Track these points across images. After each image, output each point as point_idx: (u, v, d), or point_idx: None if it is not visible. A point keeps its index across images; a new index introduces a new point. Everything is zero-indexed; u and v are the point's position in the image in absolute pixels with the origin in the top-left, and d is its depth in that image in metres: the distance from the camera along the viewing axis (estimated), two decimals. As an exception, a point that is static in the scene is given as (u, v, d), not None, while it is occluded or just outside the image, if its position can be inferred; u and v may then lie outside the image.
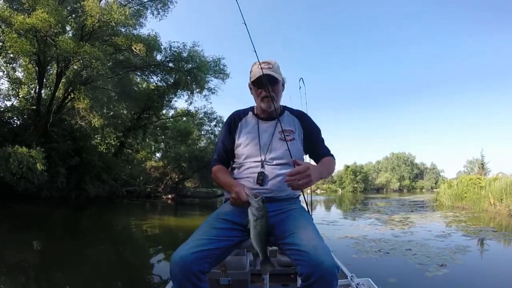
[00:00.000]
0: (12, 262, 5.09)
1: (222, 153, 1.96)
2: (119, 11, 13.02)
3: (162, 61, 17.95)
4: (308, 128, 1.96)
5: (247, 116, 1.96)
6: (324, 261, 1.42)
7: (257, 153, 1.83)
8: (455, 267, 5.06)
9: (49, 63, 15.70)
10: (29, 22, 11.35)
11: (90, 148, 17.40)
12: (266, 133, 1.87)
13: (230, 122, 1.97)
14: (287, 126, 1.89)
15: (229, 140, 1.94)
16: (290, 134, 1.86)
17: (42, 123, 15.21)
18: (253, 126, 1.91)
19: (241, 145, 1.89)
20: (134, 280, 4.52)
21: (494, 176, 17.96)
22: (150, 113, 20.59)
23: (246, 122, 1.94)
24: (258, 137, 1.86)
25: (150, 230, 9.55)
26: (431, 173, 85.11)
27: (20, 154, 11.36)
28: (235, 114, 1.99)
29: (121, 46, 14.57)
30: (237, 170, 1.91)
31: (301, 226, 1.65)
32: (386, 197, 39.69)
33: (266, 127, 1.89)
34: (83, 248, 6.46)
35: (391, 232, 8.51)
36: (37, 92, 16.47)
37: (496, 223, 11.44)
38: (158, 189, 20.95)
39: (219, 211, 1.83)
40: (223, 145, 1.96)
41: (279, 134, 1.85)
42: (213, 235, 1.61)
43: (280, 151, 1.82)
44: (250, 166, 1.83)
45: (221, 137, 1.99)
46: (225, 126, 2.00)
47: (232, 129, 1.94)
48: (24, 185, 12.72)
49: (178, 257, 1.47)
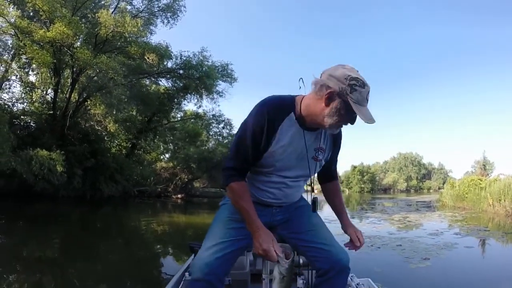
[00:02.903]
0: (35, 256, 5.61)
1: (246, 160, 1.46)
2: (132, 23, 13.83)
3: (172, 68, 18.80)
4: (337, 148, 1.69)
5: (288, 117, 1.44)
6: (343, 258, 1.55)
7: (288, 168, 1.53)
8: (437, 260, 5.64)
9: (64, 70, 16.53)
10: (50, 35, 12.22)
11: (104, 150, 18.25)
12: (303, 149, 1.51)
13: (267, 121, 1.40)
14: (323, 143, 1.57)
15: (264, 144, 1.43)
16: (321, 153, 1.57)
17: (58, 126, 16.03)
18: (295, 135, 1.46)
19: (275, 154, 1.46)
20: (145, 274, 4.90)
21: (494, 177, 18.32)
22: (160, 116, 21.38)
23: (288, 127, 1.44)
24: (298, 150, 1.49)
25: (161, 227, 10.16)
26: (439, 173, 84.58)
27: (41, 156, 12.19)
28: (276, 111, 1.42)
29: (134, 54, 15.40)
30: (255, 178, 1.57)
31: (317, 224, 1.67)
32: (393, 197, 39.92)
33: (308, 140, 1.50)
34: (99, 244, 7.04)
35: (387, 230, 9.04)
36: (52, 97, 17.34)
37: (492, 223, 11.85)
38: (168, 189, 21.68)
39: (231, 209, 1.58)
40: (250, 151, 1.43)
41: (313, 150, 1.54)
42: (233, 236, 1.52)
43: (308, 170, 1.57)
44: (274, 181, 1.55)
45: (250, 139, 1.41)
46: (257, 124, 1.40)
47: (270, 131, 1.41)
48: (43, 185, 13.54)
49: (204, 265, 1.42)
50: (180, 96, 20.60)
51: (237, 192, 1.46)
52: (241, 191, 1.47)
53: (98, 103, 15.22)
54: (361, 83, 1.29)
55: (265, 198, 1.60)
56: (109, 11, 15.70)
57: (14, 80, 17.19)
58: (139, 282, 4.48)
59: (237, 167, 1.47)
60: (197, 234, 8.03)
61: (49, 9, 12.79)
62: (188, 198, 21.85)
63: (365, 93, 1.30)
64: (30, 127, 16.85)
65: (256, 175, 1.57)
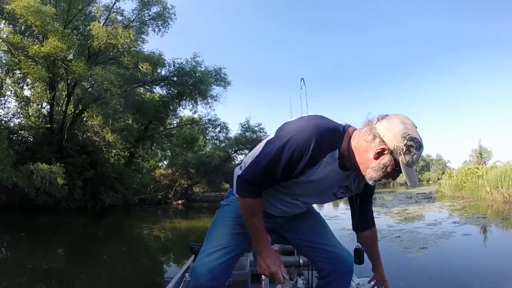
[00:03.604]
0: (39, 267, 5.72)
1: (271, 180, 1.34)
2: (124, 34, 13.96)
3: (166, 76, 18.93)
4: (369, 191, 1.56)
5: (332, 153, 1.31)
6: (346, 260, 1.55)
7: (306, 196, 1.48)
8: (435, 249, 5.82)
9: (58, 83, 16.64)
10: (44, 50, 12.34)
11: (103, 160, 18.28)
12: (333, 183, 1.42)
13: (311, 152, 1.25)
14: (352, 184, 1.44)
15: (297, 173, 1.31)
16: (344, 192, 1.48)
17: (56, 139, 16.11)
18: (330, 173, 1.35)
19: (302, 184, 1.38)
20: (147, 277, 5.04)
21: (491, 164, 18.56)
22: (156, 124, 21.48)
23: (328, 163, 1.33)
24: (325, 185, 1.40)
25: (163, 233, 10.30)
26: (437, 164, 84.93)
27: (42, 170, 12.30)
28: (325, 146, 1.28)
29: (127, 64, 15.53)
30: (268, 192, 1.43)
31: (319, 224, 1.67)
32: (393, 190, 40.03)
33: (339, 179, 1.41)
34: (101, 252, 7.17)
35: (386, 223, 9.21)
36: (47, 110, 17.43)
37: (490, 210, 12.06)
38: (168, 196, 21.72)
39: (237, 212, 1.49)
40: (280, 174, 1.30)
41: (337, 187, 1.45)
42: (236, 241, 1.49)
43: (323, 200, 1.55)
44: (287, 200, 1.49)
45: (285, 162, 1.26)
46: (299, 151, 1.24)
47: (309, 164, 1.29)
48: (44, 198, 13.62)
49: (207, 270, 1.37)
50: (175, 102, 20.70)
51: (252, 209, 1.37)
52: (256, 208, 1.38)
53: (95, 114, 15.34)
54: (418, 145, 1.18)
55: (273, 212, 1.55)
56: (100, 23, 15.87)
57: (9, 95, 17.32)
58: (141, 285, 4.56)
59: (259, 184, 1.34)
60: (199, 236, 8.14)
61: (42, 23, 12.90)
62: (189, 203, 21.89)
63: (418, 156, 1.20)
64: (28, 141, 16.91)
65: (269, 190, 1.43)
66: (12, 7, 12.47)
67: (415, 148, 1.17)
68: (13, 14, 13.02)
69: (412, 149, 1.17)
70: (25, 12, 12.48)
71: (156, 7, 17.82)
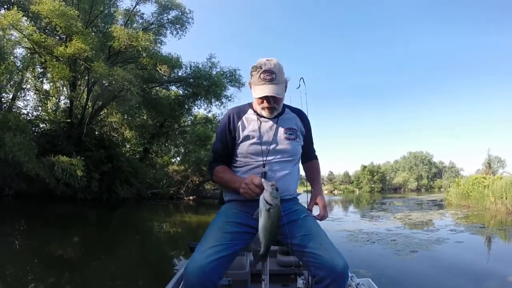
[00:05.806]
0: (54, 253, 6.02)
1: (221, 154, 1.85)
2: (145, 37, 14.68)
3: (183, 77, 19.63)
4: (307, 127, 1.94)
5: (246, 114, 1.83)
6: (338, 264, 1.49)
7: (259, 153, 1.74)
8: (424, 253, 6.20)
9: (79, 80, 17.47)
10: (69, 52, 13.14)
11: (120, 155, 19.09)
12: (269, 132, 1.78)
13: (228, 120, 1.82)
14: (289, 125, 1.84)
15: (229, 139, 1.81)
16: (293, 133, 1.82)
17: (75, 133, 16.91)
18: (254, 125, 1.79)
19: (242, 144, 1.78)
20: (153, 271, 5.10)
21: (498, 175, 18.61)
22: (171, 121, 22.20)
23: (247, 120, 1.81)
24: (260, 136, 1.76)
25: (174, 227, 10.76)
26: (450, 171, 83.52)
27: (63, 162, 13.06)
28: (234, 112, 1.84)
29: (146, 65, 16.26)
30: (238, 171, 1.81)
31: (313, 228, 1.68)
32: (403, 196, 39.85)
33: (268, 126, 1.79)
34: (113, 243, 7.54)
35: (386, 227, 9.55)
36: (66, 105, 18.35)
37: (493, 221, 12.14)
38: (180, 191, 22.29)
39: (226, 213, 1.77)
40: (222, 145, 1.83)
41: (282, 133, 1.79)
42: (228, 240, 1.57)
43: (283, 150, 1.78)
44: (252, 167, 1.76)
45: (219, 137, 1.85)
46: (222, 125, 1.84)
47: (232, 128, 1.80)
48: (62, 189, 14.46)
49: (196, 267, 1.44)
50: (190, 101, 21.42)
51: (220, 171, 1.84)
52: (223, 169, 1.83)
53: (114, 111, 16.09)
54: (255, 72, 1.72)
55: None
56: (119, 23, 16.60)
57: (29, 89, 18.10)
58: (146, 280, 4.63)
59: (216, 160, 1.90)
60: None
61: (66, 25, 13.67)
62: (200, 199, 22.37)
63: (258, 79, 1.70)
64: (49, 134, 17.75)
65: (241, 169, 1.81)
66: (38, 9, 13.24)
67: (252, 73, 1.74)
68: (37, 14, 13.77)
69: (252, 79, 1.74)
70: (51, 14, 13.27)
71: (175, 11, 18.60)
